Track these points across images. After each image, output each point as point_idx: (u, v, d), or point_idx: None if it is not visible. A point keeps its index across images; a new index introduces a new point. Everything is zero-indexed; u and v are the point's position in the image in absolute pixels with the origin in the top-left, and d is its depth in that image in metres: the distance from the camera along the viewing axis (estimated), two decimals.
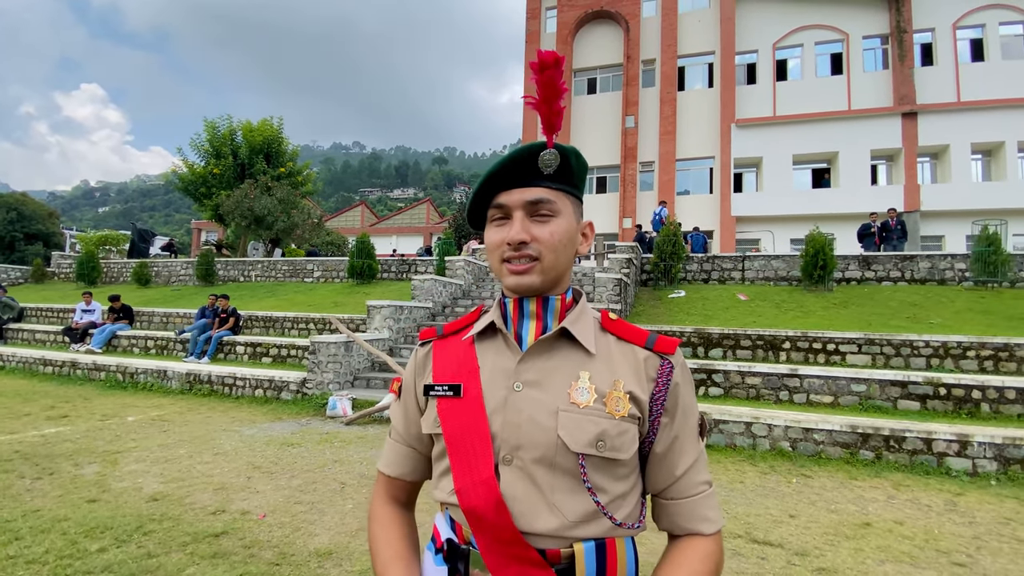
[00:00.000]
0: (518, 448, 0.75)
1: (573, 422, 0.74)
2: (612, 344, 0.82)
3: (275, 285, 13.86)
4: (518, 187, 0.79)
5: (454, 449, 0.77)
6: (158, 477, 3.87)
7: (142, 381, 7.64)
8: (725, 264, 11.09)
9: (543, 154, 0.77)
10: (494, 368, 0.81)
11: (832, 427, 4.70)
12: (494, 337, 0.85)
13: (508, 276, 0.79)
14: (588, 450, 0.73)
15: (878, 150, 19.77)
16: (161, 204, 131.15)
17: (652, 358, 0.80)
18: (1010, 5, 19.01)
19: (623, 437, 0.75)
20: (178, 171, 20.19)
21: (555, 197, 0.79)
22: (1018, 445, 4.26)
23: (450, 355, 0.86)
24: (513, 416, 0.76)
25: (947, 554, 2.91)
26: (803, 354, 7.05)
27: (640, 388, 0.78)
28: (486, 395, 0.79)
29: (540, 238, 0.77)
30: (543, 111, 0.78)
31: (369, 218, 42.23)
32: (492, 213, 0.82)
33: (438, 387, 0.82)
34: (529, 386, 0.77)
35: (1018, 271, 9.39)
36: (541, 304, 0.82)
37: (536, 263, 0.78)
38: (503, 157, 0.79)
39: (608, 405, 0.76)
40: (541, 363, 0.79)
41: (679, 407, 0.80)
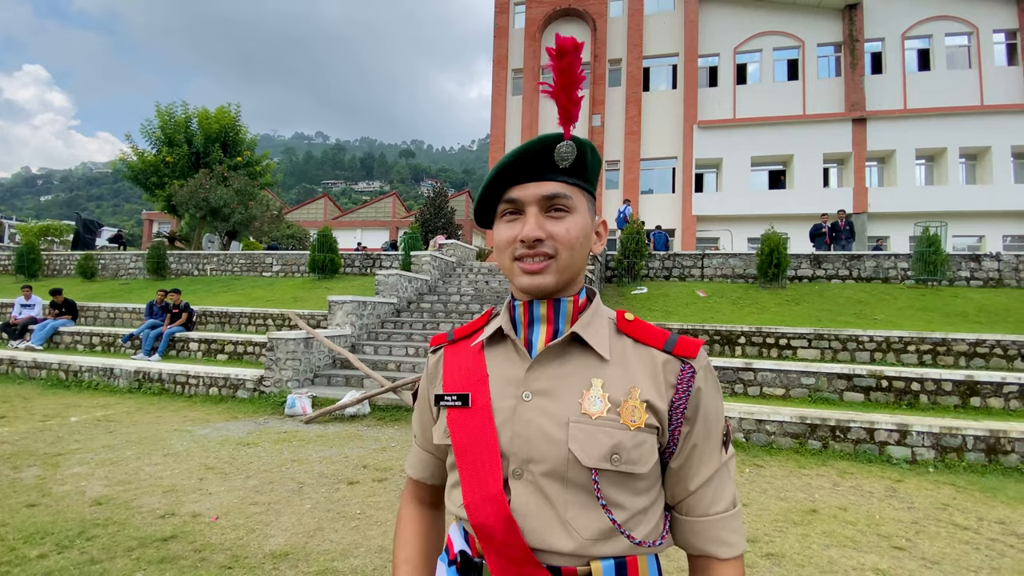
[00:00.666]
0: (528, 461, 0.71)
1: (585, 434, 0.70)
2: (628, 348, 0.77)
3: (232, 279, 13.39)
4: (532, 181, 0.74)
5: (463, 462, 0.74)
6: (103, 480, 3.69)
7: (87, 380, 7.26)
8: (686, 262, 11.37)
9: (560, 146, 0.73)
10: (503, 376, 0.77)
11: (783, 418, 4.90)
12: (503, 343, 0.81)
13: (521, 276, 0.74)
14: (602, 464, 0.69)
15: (830, 154, 20.63)
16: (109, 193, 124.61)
17: (672, 362, 0.74)
18: (956, 17, 20.12)
19: (640, 449, 0.70)
20: (127, 159, 19.21)
21: (571, 192, 0.75)
22: (954, 434, 4.54)
23: (460, 363, 0.82)
24: (522, 428, 0.72)
25: (888, 538, 3.08)
26: (757, 348, 7.32)
27: (658, 396, 0.73)
28: (495, 405, 0.75)
29: (556, 235, 0.73)
30: (561, 100, 0.74)
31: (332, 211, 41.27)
32: (503, 208, 0.77)
33: (447, 397, 0.79)
34: (539, 395, 0.73)
35: (956, 270, 9.99)
36: (552, 307, 0.77)
37: (551, 262, 0.73)
38: (516, 149, 0.74)
39: (623, 415, 0.71)
40: (551, 370, 0.75)
41: (700, 414, 0.74)
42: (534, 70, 23.24)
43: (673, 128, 21.86)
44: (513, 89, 23.89)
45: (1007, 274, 9.83)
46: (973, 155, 19.88)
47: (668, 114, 22.00)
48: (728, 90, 21.88)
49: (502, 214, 0.77)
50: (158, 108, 19.16)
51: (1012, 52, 19.99)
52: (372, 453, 4.56)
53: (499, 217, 0.78)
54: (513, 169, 0.74)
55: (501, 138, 23.45)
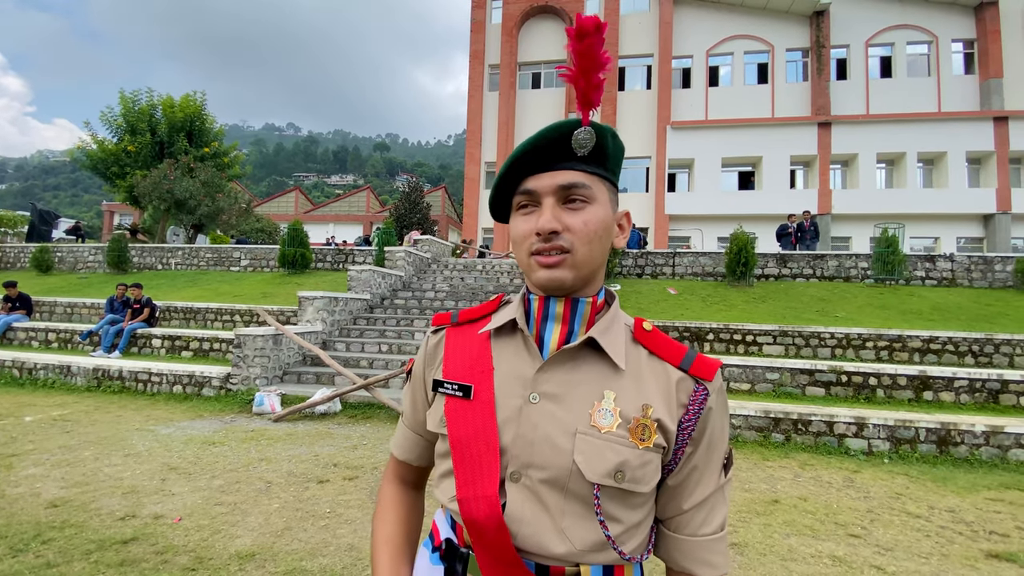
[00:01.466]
0: (528, 466, 0.68)
1: (592, 448, 0.67)
2: (643, 360, 0.73)
3: (197, 274, 13.01)
4: (548, 170, 0.70)
5: (459, 456, 0.71)
6: (59, 482, 3.55)
7: (42, 377, 6.96)
8: (658, 260, 11.56)
9: (578, 133, 0.69)
10: (510, 372, 0.73)
11: (748, 412, 5.04)
12: (513, 336, 0.77)
13: (538, 270, 0.70)
14: (605, 480, 0.66)
15: (797, 156, 21.22)
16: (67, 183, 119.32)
17: (686, 381, 0.72)
18: (918, 26, 20.92)
19: (645, 469, 0.68)
20: (86, 147, 18.43)
21: (590, 182, 0.70)
22: (908, 427, 4.75)
23: (463, 349, 0.78)
24: (527, 431, 0.69)
25: (844, 526, 3.21)
26: (725, 345, 7.50)
27: (669, 415, 0.70)
28: (499, 402, 0.71)
29: (573, 227, 0.69)
30: (580, 84, 0.69)
31: (304, 204, 40.44)
32: (518, 200, 0.73)
33: (447, 384, 0.75)
34: (547, 399, 0.70)
35: (912, 270, 10.42)
36: (569, 306, 0.73)
37: (567, 256, 0.69)
38: (532, 136, 0.70)
39: (632, 432, 0.68)
40: (563, 375, 0.71)
41: (705, 437, 0.72)
42: (511, 66, 23.20)
43: (647, 128, 22.15)
44: (490, 85, 23.81)
45: (960, 274, 10.30)
46: (930, 159, 20.73)
47: (643, 114, 22.27)
48: (700, 92, 22.27)
49: (518, 206, 0.74)
50: (122, 94, 18.43)
51: (969, 61, 20.91)
52: (343, 451, 4.51)
53: (515, 210, 0.74)
54: (528, 158, 0.71)
55: (477, 133, 23.35)
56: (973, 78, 20.60)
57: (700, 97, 22.23)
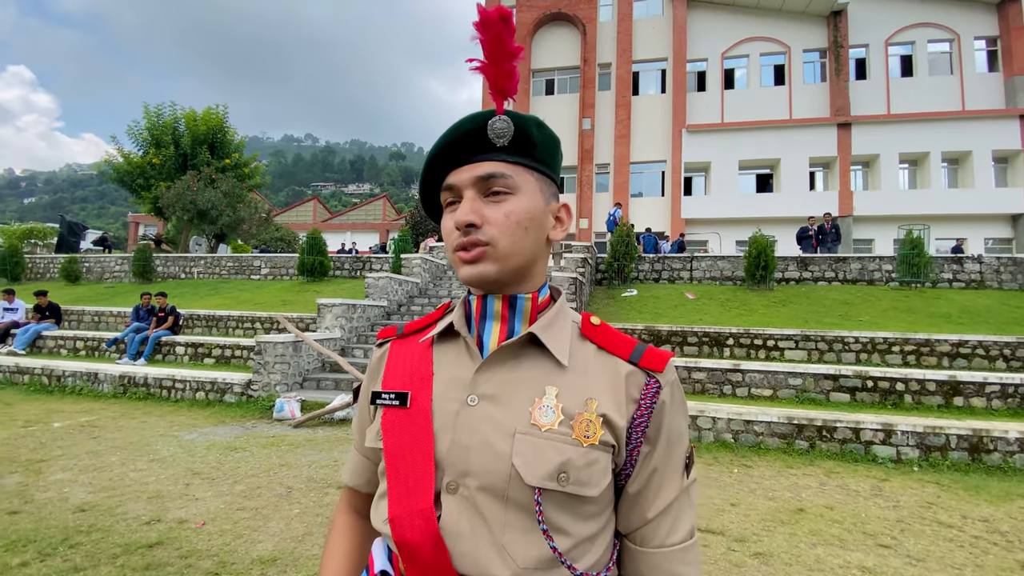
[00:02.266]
0: (465, 474, 0.63)
1: (532, 448, 0.62)
2: (591, 355, 0.69)
3: (219, 282, 13.25)
4: (467, 163, 0.68)
5: (393, 469, 0.66)
6: (87, 486, 3.63)
7: (70, 384, 7.14)
8: (675, 264, 11.45)
9: (493, 122, 0.66)
10: (449, 377, 0.69)
11: (771, 419, 4.95)
12: (454, 341, 0.73)
13: (461, 266, 0.67)
14: (547, 483, 0.61)
15: (816, 158, 20.91)
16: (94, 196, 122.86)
17: (636, 374, 0.67)
18: (938, 24, 20.52)
19: (591, 469, 0.63)
20: (113, 160, 18.97)
21: (512, 172, 0.67)
22: (938, 433, 4.61)
23: (404, 358, 0.74)
24: (463, 436, 0.64)
25: (873, 536, 3.12)
26: (745, 350, 7.38)
27: (617, 411, 0.65)
28: (436, 408, 0.67)
29: (492, 220, 0.65)
30: (490, 74, 0.67)
31: (322, 213, 41.06)
32: (444, 197, 0.70)
33: (385, 395, 0.71)
34: (486, 400, 0.66)
35: (939, 272, 10.16)
36: (508, 304, 0.70)
37: (488, 248, 0.65)
38: (448, 130, 0.68)
39: (576, 429, 0.63)
40: (503, 374, 0.67)
41: (663, 434, 0.67)
42: (524, 74, 23.29)
43: (662, 132, 22.04)
44: None
45: (988, 276, 10.01)
46: (955, 159, 20.25)
47: (657, 118, 22.17)
48: (716, 95, 22.11)
49: (445, 203, 0.71)
50: (146, 109, 18.95)
51: (992, 58, 20.43)
52: None
53: (444, 207, 0.71)
54: (449, 152, 0.68)
55: None
56: (997, 76, 20.11)
57: (716, 100, 22.06)
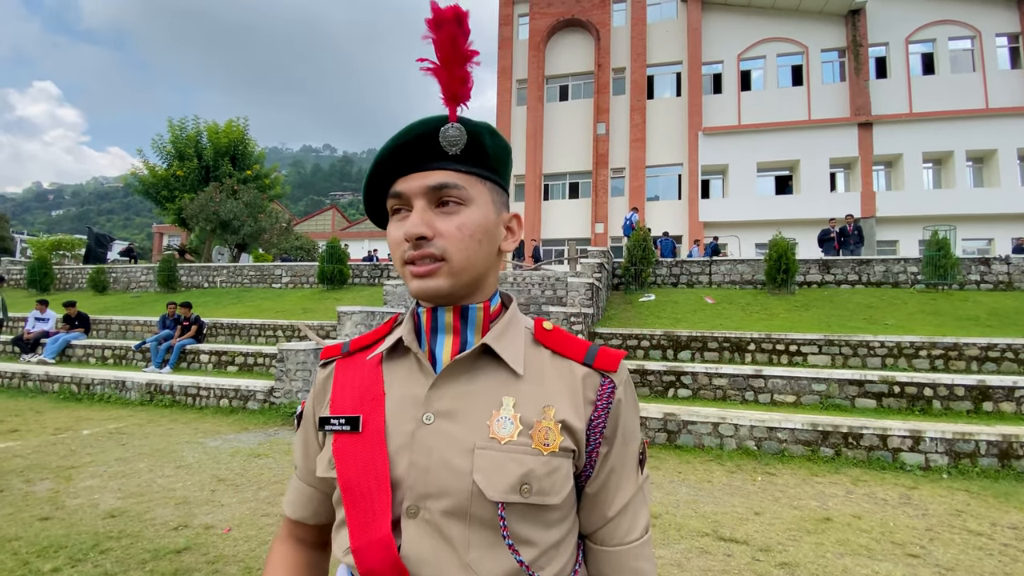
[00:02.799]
0: (425, 497, 0.60)
1: (492, 462, 0.60)
2: (546, 361, 0.68)
3: (241, 291, 13.50)
4: (418, 171, 0.64)
5: (350, 498, 0.62)
6: (115, 493, 3.72)
7: (99, 392, 7.33)
8: (693, 268, 11.34)
9: (445, 129, 0.63)
10: (402, 396, 0.66)
11: (794, 426, 4.86)
12: (405, 357, 0.70)
13: (411, 280, 0.64)
14: (510, 497, 0.59)
15: (836, 158, 20.57)
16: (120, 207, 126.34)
17: (591, 376, 0.67)
18: (959, 21, 20.10)
19: (553, 477, 0.62)
20: (138, 173, 19.52)
21: (465, 182, 0.64)
22: (967, 440, 4.48)
23: (352, 379, 0.70)
24: (421, 456, 0.62)
25: (902, 546, 3.04)
26: (767, 355, 7.27)
27: (576, 414, 0.65)
28: (389, 430, 0.64)
29: (445, 232, 0.63)
30: (442, 77, 0.63)
31: (340, 222, 41.58)
32: (391, 204, 0.67)
33: (334, 420, 0.67)
34: (442, 417, 0.63)
35: (966, 274, 9.89)
36: (459, 315, 0.67)
37: (442, 264, 0.63)
38: (397, 134, 0.64)
39: (535, 438, 0.62)
40: (458, 388, 0.65)
41: (619, 433, 0.67)
42: (538, 80, 23.41)
43: (678, 135, 21.90)
44: (518, 99, 24.07)
45: (1017, 277, 9.72)
46: (980, 158, 19.75)
47: (673, 121, 22.05)
48: (732, 97, 21.91)
49: (392, 211, 0.67)
50: (170, 122, 19.49)
51: (1015, 55, 19.93)
52: None
53: (391, 214, 0.68)
54: (396, 158, 0.64)
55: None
56: (1020, 72, 19.59)
57: (732, 102, 21.86)
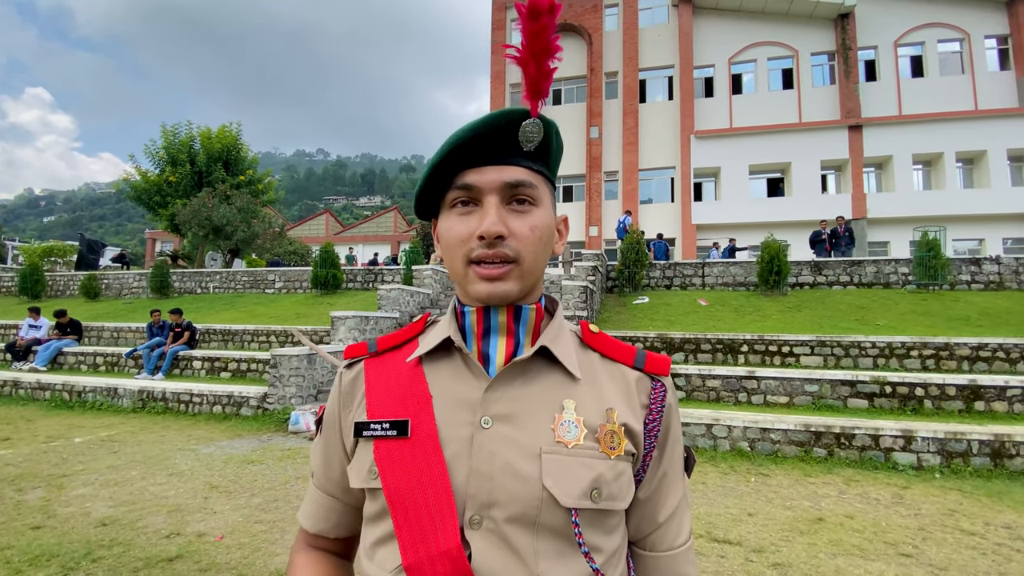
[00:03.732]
0: (490, 506, 0.57)
1: (561, 467, 0.58)
2: (596, 364, 0.67)
3: (234, 297, 13.44)
4: (492, 164, 0.61)
5: (401, 511, 0.58)
6: (107, 501, 3.69)
7: (90, 400, 7.27)
8: (686, 270, 11.39)
9: (526, 124, 0.60)
10: (453, 398, 0.62)
11: (787, 427, 4.89)
12: (449, 357, 0.66)
13: (477, 282, 0.60)
14: (582, 503, 0.57)
15: (827, 161, 20.73)
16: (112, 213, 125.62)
17: (643, 380, 0.67)
18: (948, 24, 20.34)
19: (620, 481, 0.61)
20: (130, 179, 19.42)
21: (537, 181, 0.62)
22: (959, 439, 4.52)
23: (390, 381, 0.66)
24: (483, 463, 0.58)
25: (895, 545, 3.06)
26: (760, 356, 7.31)
27: (634, 418, 0.64)
28: (443, 434, 0.60)
29: (519, 234, 0.60)
30: (530, 70, 0.58)
31: (334, 227, 41.51)
32: (454, 196, 0.62)
33: (376, 425, 0.62)
34: (501, 421, 0.60)
35: (956, 274, 9.99)
36: (513, 315, 0.64)
37: (513, 267, 0.60)
38: (475, 122, 0.60)
39: (602, 442, 0.60)
40: (515, 391, 0.62)
41: (670, 438, 0.67)
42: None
43: (670, 138, 22.03)
44: (511, 103, 24.12)
45: (1007, 277, 9.83)
46: (970, 159, 19.96)
47: (665, 125, 22.17)
48: (724, 100, 22.07)
49: (452, 203, 0.63)
50: (163, 128, 19.42)
51: (1004, 57, 20.18)
52: None
53: (448, 206, 0.64)
54: (470, 147, 0.60)
55: None
56: (1010, 74, 19.83)
57: (724, 105, 22.02)
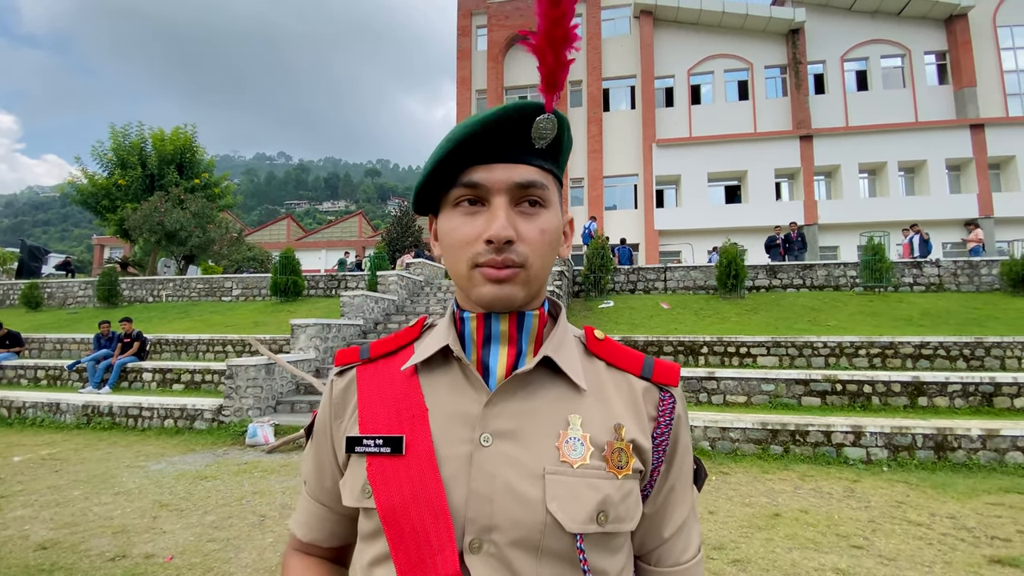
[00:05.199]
0: (491, 529, 0.53)
1: (566, 489, 0.54)
2: (602, 373, 0.63)
3: (189, 305, 12.92)
4: (502, 161, 0.57)
5: (395, 532, 0.54)
6: (48, 523, 3.48)
7: (31, 416, 6.84)
8: (649, 275, 11.63)
9: (540, 119, 0.56)
10: (450, 412, 0.58)
11: (745, 425, 5.04)
12: (447, 367, 0.62)
13: (483, 285, 0.57)
14: (588, 527, 0.54)
15: (781, 169, 21.58)
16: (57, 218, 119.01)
17: (651, 390, 0.62)
18: (890, 40, 21.55)
19: (627, 501, 0.57)
20: (76, 182, 18.43)
21: (547, 182, 0.59)
22: (904, 433, 4.76)
23: (383, 391, 0.62)
24: (482, 484, 0.54)
25: (847, 538, 3.19)
26: (720, 358, 7.51)
27: (642, 433, 0.60)
28: (440, 452, 0.56)
29: (527, 237, 0.56)
30: (547, 60, 0.53)
31: (296, 232, 40.44)
32: (458, 194, 0.58)
33: (368, 440, 0.59)
34: (502, 438, 0.56)
35: (900, 277, 10.54)
36: (515, 322, 0.60)
37: (520, 271, 0.56)
38: (484, 115, 0.55)
39: (609, 461, 0.56)
40: (517, 405, 0.58)
41: (679, 451, 0.63)
42: (497, 90, 23.61)
43: (633, 146, 22.50)
44: (478, 109, 24.16)
45: (947, 279, 10.43)
46: (911, 168, 21.14)
47: (628, 133, 22.64)
48: (684, 110, 22.72)
49: (456, 201, 0.59)
50: (112, 129, 18.52)
51: (943, 72, 21.50)
52: None
53: (451, 204, 0.59)
54: (478, 142, 0.56)
55: None
56: (947, 88, 21.16)
57: (683, 115, 22.66)
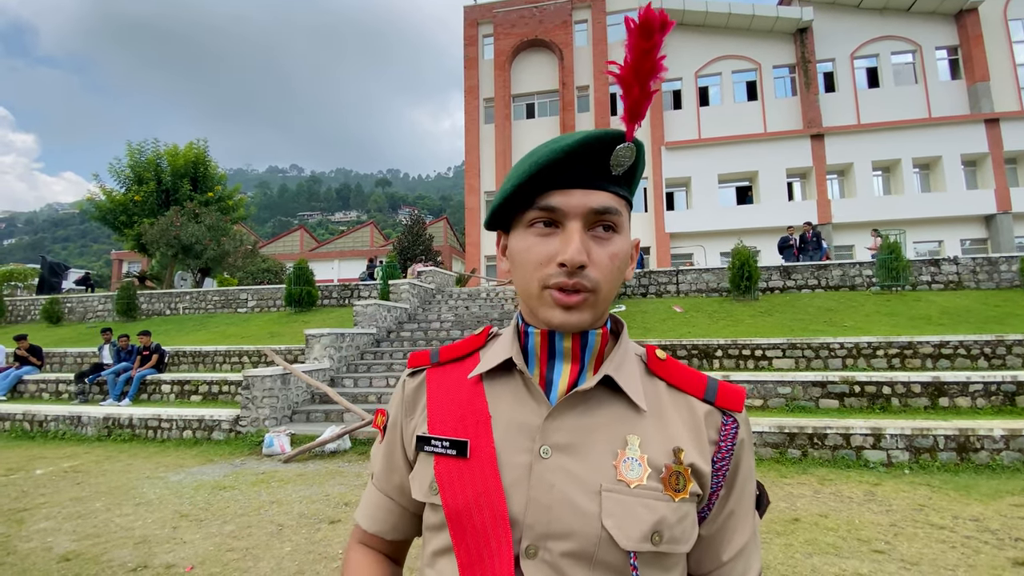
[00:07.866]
0: (546, 537, 0.56)
1: (623, 507, 0.56)
2: (663, 394, 0.64)
3: (205, 317, 13.11)
4: (580, 187, 0.58)
5: (459, 530, 0.58)
6: (71, 535, 3.54)
7: (53, 429, 6.98)
8: (661, 278, 11.57)
9: (619, 148, 0.58)
10: (512, 422, 0.61)
11: (763, 429, 4.97)
12: (511, 378, 0.65)
13: (553, 308, 0.58)
14: (642, 546, 0.55)
15: (792, 169, 21.39)
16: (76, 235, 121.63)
17: (714, 414, 0.63)
18: (900, 36, 21.33)
19: (683, 524, 0.58)
20: (95, 199, 18.85)
21: (620, 207, 0.60)
22: (925, 435, 4.67)
23: (451, 395, 0.66)
24: (541, 493, 0.57)
25: (868, 542, 3.13)
26: (734, 361, 7.44)
27: (702, 457, 0.60)
28: (501, 460, 0.59)
29: (599, 262, 0.58)
30: (633, 92, 0.56)
31: (309, 243, 40.91)
32: (534, 216, 0.60)
33: (436, 441, 0.63)
34: (560, 452, 0.59)
35: (917, 275, 10.36)
36: (579, 341, 0.62)
37: (590, 296, 0.58)
38: (568, 141, 0.57)
39: (667, 483, 0.58)
40: (576, 420, 0.60)
41: (739, 476, 0.63)
42: (505, 98, 23.74)
43: None
44: (485, 117, 24.32)
45: (966, 276, 10.23)
46: (926, 164, 20.84)
47: (637, 136, 22.61)
48: (692, 112, 22.65)
49: (531, 222, 0.60)
50: (129, 146, 18.94)
51: (954, 67, 21.22)
52: (354, 489, 4.47)
53: (525, 224, 0.61)
54: (558, 168, 0.57)
55: (476, 165, 23.82)
56: (960, 83, 20.87)
57: (692, 117, 22.60)
